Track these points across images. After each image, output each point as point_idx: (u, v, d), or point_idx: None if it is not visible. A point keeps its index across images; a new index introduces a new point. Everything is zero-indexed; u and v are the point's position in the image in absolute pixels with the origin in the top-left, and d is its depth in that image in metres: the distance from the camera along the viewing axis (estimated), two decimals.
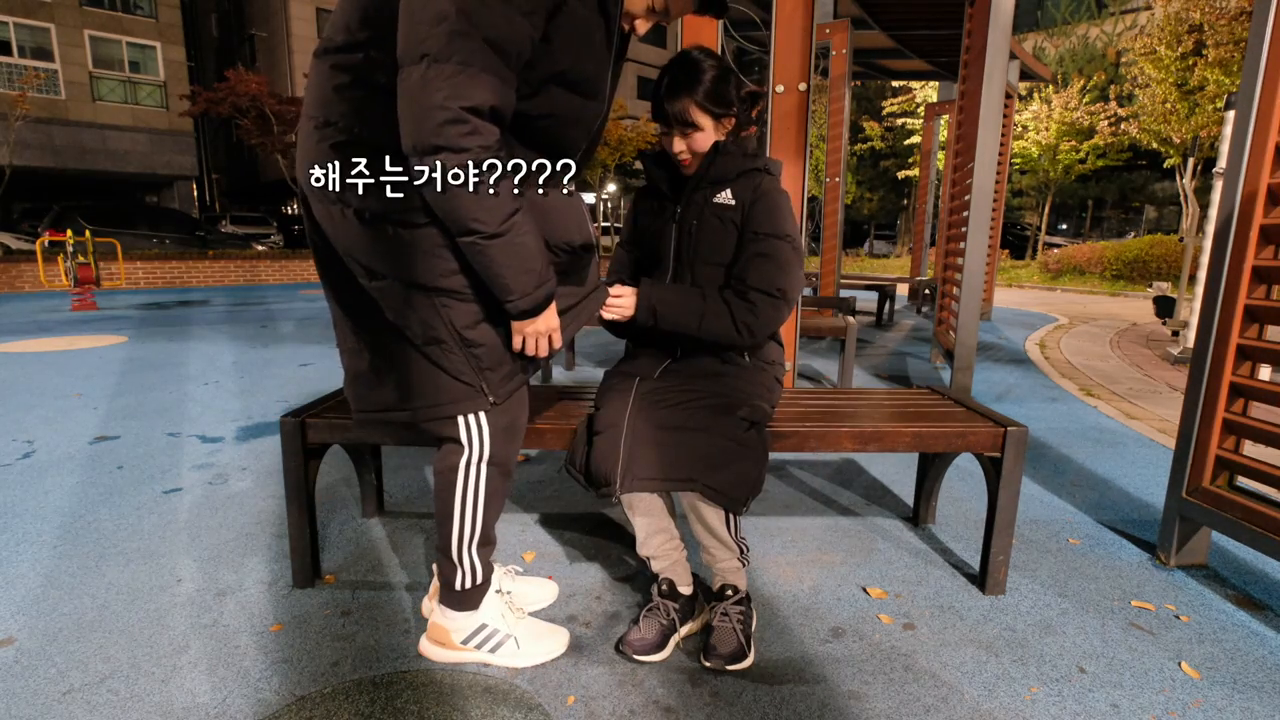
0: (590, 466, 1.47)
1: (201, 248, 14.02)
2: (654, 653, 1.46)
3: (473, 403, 1.31)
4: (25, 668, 1.41)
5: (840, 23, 5.36)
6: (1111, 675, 1.42)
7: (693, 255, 1.62)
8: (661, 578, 1.55)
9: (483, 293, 1.24)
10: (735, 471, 1.42)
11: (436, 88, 1.04)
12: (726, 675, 1.41)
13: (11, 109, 14.73)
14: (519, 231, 1.15)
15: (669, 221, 1.65)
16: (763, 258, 1.55)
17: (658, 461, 1.42)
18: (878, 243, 27.08)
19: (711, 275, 1.62)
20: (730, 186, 1.59)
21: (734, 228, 1.59)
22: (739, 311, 1.54)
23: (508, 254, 1.16)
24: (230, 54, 24.10)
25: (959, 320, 3.25)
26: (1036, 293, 11.85)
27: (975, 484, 2.52)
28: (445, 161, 1.07)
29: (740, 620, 1.48)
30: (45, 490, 2.37)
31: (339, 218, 1.22)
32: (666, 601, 1.52)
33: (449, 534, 1.39)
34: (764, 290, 1.54)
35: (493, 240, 1.14)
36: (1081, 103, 15.62)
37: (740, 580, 1.54)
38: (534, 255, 1.19)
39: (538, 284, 1.21)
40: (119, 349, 5.24)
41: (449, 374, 1.29)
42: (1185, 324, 5.42)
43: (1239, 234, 1.73)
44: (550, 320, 1.30)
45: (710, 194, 1.60)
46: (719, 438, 1.44)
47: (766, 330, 1.57)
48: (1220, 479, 1.84)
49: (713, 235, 1.60)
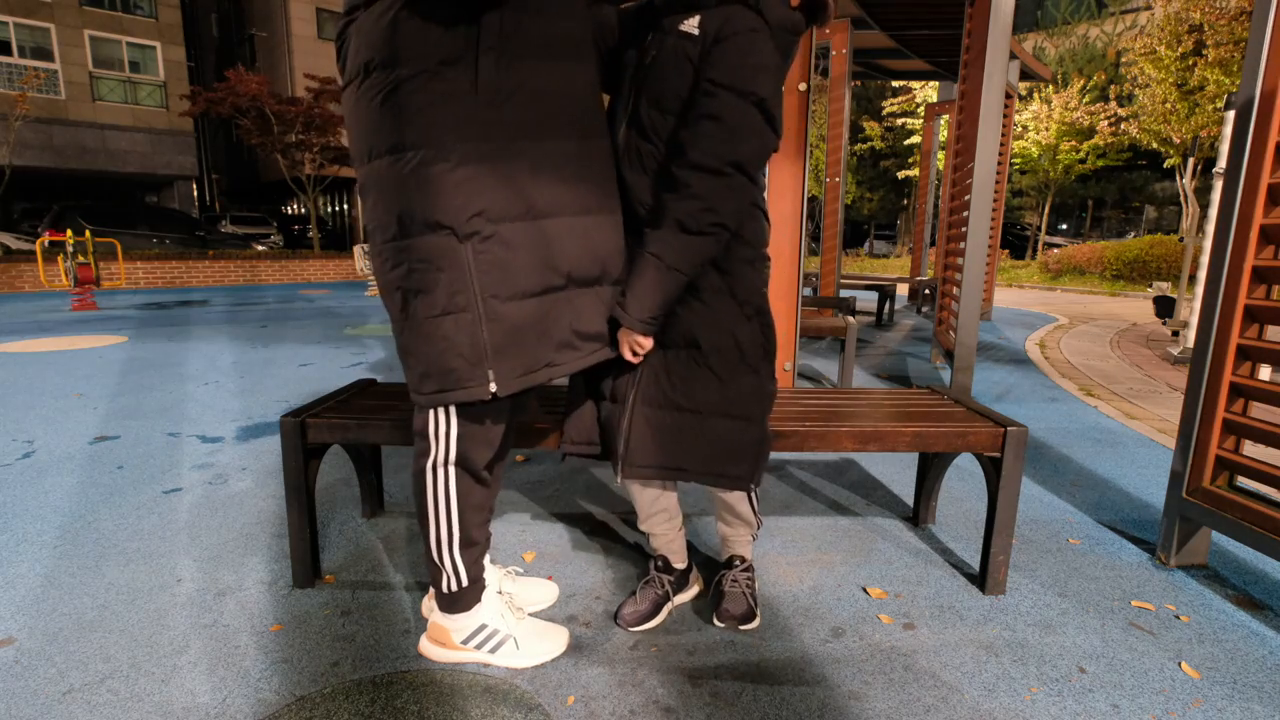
0: (601, 434, 1.49)
1: (201, 248, 14.02)
2: (647, 621, 1.55)
3: (472, 389, 1.26)
4: (25, 668, 1.41)
5: (840, 23, 5.36)
6: (1111, 675, 1.42)
7: (640, 94, 1.30)
8: (658, 554, 1.64)
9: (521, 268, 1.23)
10: (739, 452, 1.41)
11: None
12: (726, 675, 1.41)
13: (12, 109, 14.72)
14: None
15: (634, 59, 1.34)
16: (711, 120, 1.20)
17: (658, 450, 1.41)
18: (878, 243, 27.07)
19: (658, 123, 1.29)
20: (700, 14, 1.25)
21: (690, 66, 1.24)
22: (685, 218, 1.23)
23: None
24: (230, 54, 24.09)
25: (959, 320, 3.25)
26: (1036, 293, 11.84)
27: (975, 484, 2.52)
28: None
29: (748, 585, 1.60)
30: (45, 490, 2.37)
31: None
32: (661, 575, 1.61)
33: (427, 537, 1.39)
34: (705, 168, 1.21)
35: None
36: (1081, 103, 15.62)
37: (749, 551, 1.66)
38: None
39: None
40: (119, 349, 5.24)
41: (456, 351, 1.24)
42: (1185, 324, 5.42)
43: (1239, 234, 1.73)
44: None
45: (678, 20, 1.27)
46: (720, 418, 1.39)
47: (721, 217, 1.24)
48: (1220, 479, 1.84)
49: (664, 71, 1.26)
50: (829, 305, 5.16)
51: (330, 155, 15.65)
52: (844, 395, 2.07)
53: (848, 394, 2.09)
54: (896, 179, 22.35)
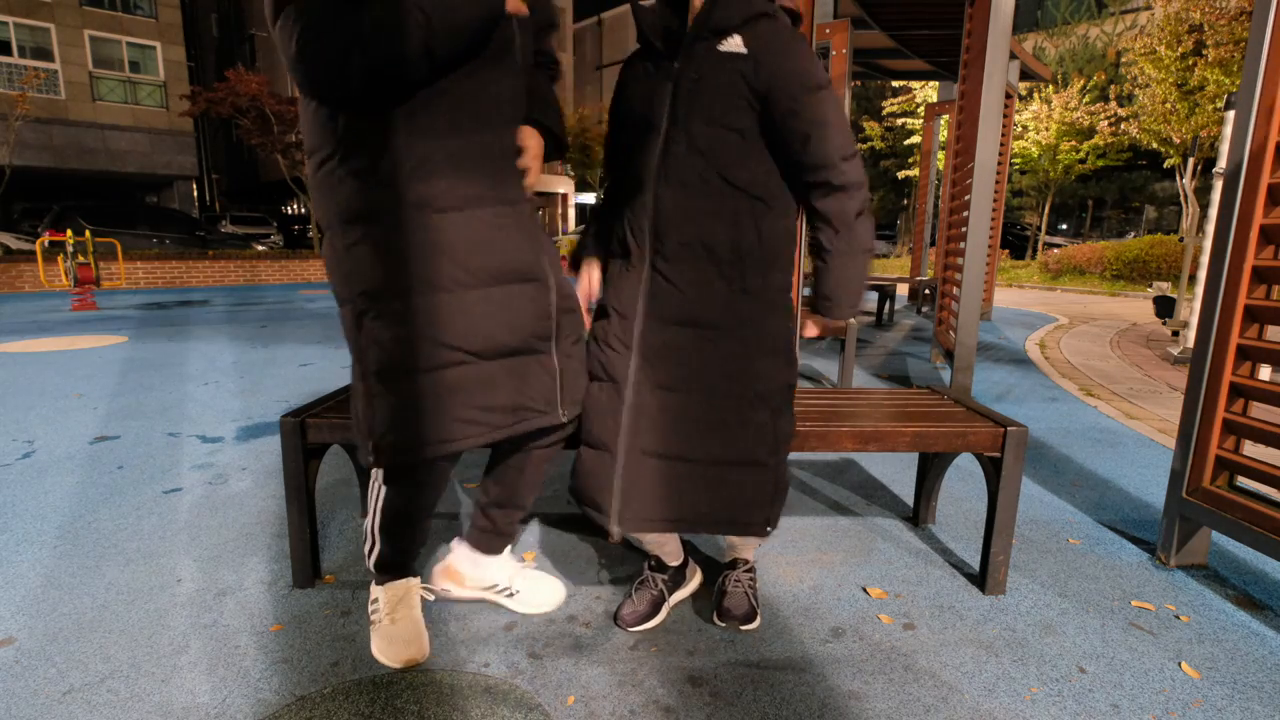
0: (576, 483, 1.40)
1: (201, 248, 14.02)
2: (647, 621, 1.54)
3: (364, 455, 1.34)
4: (25, 668, 1.41)
5: (840, 23, 5.34)
6: (1111, 675, 1.42)
7: (689, 112, 1.31)
8: (650, 554, 1.63)
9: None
10: (754, 499, 1.36)
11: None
12: (726, 675, 1.41)
13: (12, 109, 14.73)
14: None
15: (664, 81, 1.35)
16: (820, 125, 1.28)
17: (663, 500, 1.35)
18: (878, 243, 27.08)
19: (711, 138, 1.30)
20: (739, 33, 1.30)
21: (743, 82, 1.28)
22: (857, 206, 1.31)
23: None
24: (230, 54, 24.10)
25: (959, 320, 3.25)
26: (1036, 293, 11.84)
27: (975, 484, 2.52)
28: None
29: (750, 585, 1.61)
30: (45, 490, 2.37)
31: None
32: (655, 574, 1.61)
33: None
34: (846, 157, 1.29)
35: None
36: (1081, 103, 15.61)
37: (751, 554, 1.67)
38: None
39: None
40: (119, 349, 5.24)
41: (354, 418, 1.35)
42: (1185, 324, 5.42)
43: (1239, 234, 1.73)
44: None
45: (714, 43, 1.30)
46: (730, 467, 1.35)
47: (868, 192, 1.35)
48: (1220, 479, 1.84)
49: (717, 87, 1.29)
50: None
51: None
52: (844, 395, 2.07)
53: (848, 394, 2.09)
54: (896, 179, 22.35)
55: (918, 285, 8.13)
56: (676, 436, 1.35)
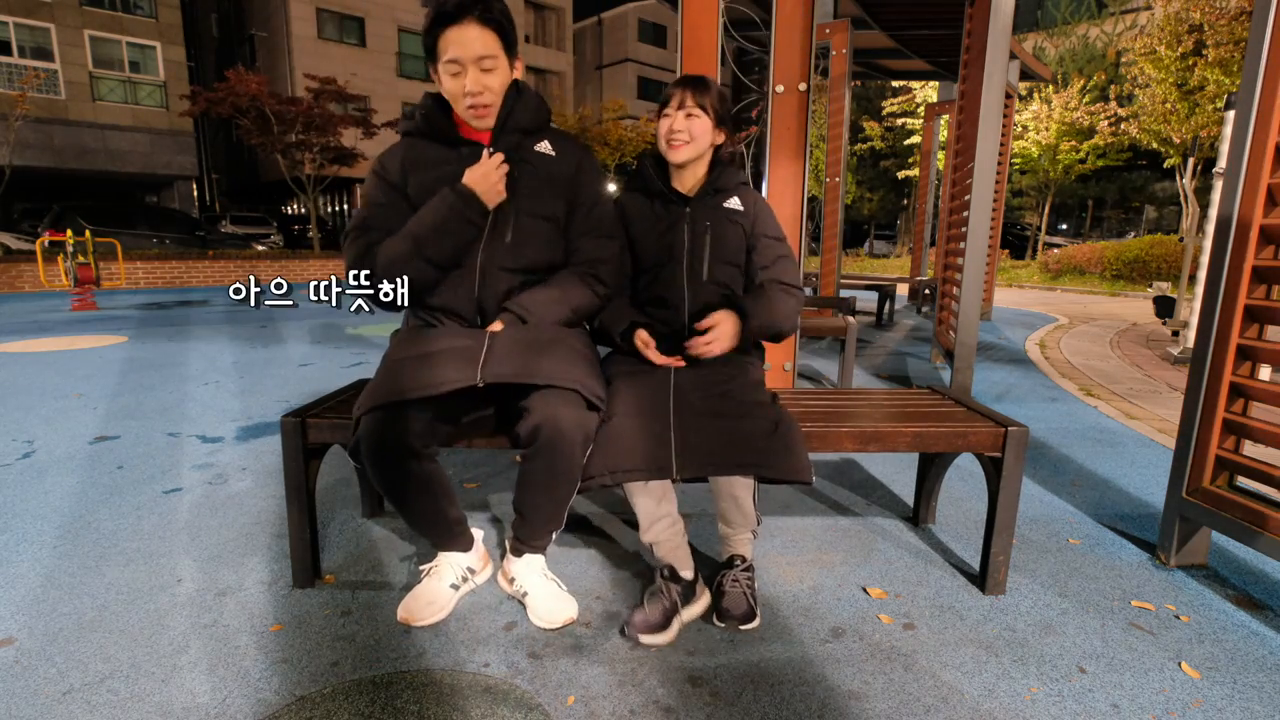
0: (616, 450, 1.51)
1: (201, 248, 14.02)
2: (658, 633, 1.50)
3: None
4: (25, 668, 1.41)
5: (840, 23, 5.35)
6: (1111, 675, 1.42)
7: (711, 255, 1.78)
8: (664, 563, 1.60)
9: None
10: (794, 451, 1.51)
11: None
12: (726, 675, 1.41)
13: (11, 109, 14.72)
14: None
15: (678, 221, 1.79)
16: (785, 259, 1.81)
17: (716, 447, 1.49)
18: (878, 243, 27.06)
19: (729, 275, 1.79)
20: (735, 196, 1.80)
21: (743, 231, 1.79)
22: (792, 304, 1.76)
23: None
24: (230, 54, 24.09)
25: (959, 320, 3.25)
26: (1036, 293, 11.85)
27: (975, 484, 2.52)
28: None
29: (749, 585, 1.61)
30: (45, 490, 2.37)
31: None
32: (669, 584, 1.57)
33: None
34: (796, 285, 1.81)
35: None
36: (1081, 103, 15.61)
37: (749, 550, 1.67)
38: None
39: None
40: (119, 349, 5.24)
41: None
42: (1185, 324, 5.42)
43: (1239, 234, 1.73)
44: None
45: (720, 200, 1.79)
46: (767, 421, 1.55)
47: (799, 306, 1.82)
48: (1220, 479, 1.85)
49: (728, 237, 1.78)
50: (829, 305, 5.16)
51: (330, 155, 15.64)
52: (844, 395, 2.07)
53: (848, 394, 2.09)
54: (896, 179, 22.36)
55: (918, 285, 8.14)
56: (711, 400, 1.60)
